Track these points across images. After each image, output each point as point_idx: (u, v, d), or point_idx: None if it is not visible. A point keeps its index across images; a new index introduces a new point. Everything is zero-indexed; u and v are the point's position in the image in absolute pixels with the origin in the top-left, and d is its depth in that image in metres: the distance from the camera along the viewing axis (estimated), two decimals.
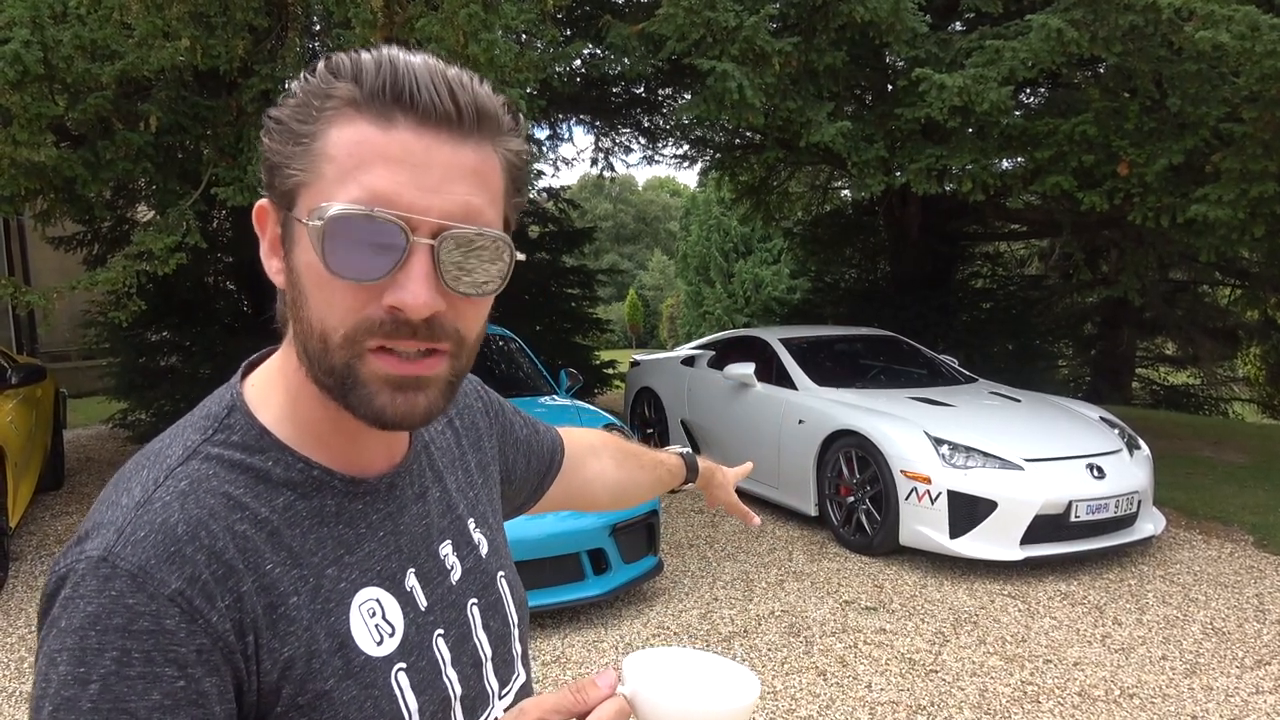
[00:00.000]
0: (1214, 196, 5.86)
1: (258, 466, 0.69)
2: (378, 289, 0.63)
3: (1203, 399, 14.46)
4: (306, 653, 0.66)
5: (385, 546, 0.74)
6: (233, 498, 0.67)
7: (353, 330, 0.64)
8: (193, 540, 0.63)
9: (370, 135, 0.63)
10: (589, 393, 10.55)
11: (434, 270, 0.63)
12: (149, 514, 0.63)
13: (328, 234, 0.62)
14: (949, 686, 3.65)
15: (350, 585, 0.70)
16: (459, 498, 0.86)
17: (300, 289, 0.66)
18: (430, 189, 0.63)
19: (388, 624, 0.72)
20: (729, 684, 0.69)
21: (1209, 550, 5.44)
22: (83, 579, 0.60)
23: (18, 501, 5.08)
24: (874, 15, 6.17)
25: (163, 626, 0.60)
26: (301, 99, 0.65)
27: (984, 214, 10.50)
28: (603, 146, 12.12)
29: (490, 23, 4.75)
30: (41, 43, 4.55)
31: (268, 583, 0.65)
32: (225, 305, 8.81)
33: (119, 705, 0.58)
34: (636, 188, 48.36)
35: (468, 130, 0.65)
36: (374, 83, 0.63)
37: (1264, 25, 5.06)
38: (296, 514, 0.69)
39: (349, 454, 0.73)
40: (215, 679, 0.61)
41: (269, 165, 0.67)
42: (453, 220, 0.63)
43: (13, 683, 3.68)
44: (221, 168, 5.52)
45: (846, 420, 5.44)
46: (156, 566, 0.61)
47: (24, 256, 11.85)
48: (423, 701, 0.72)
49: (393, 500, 0.76)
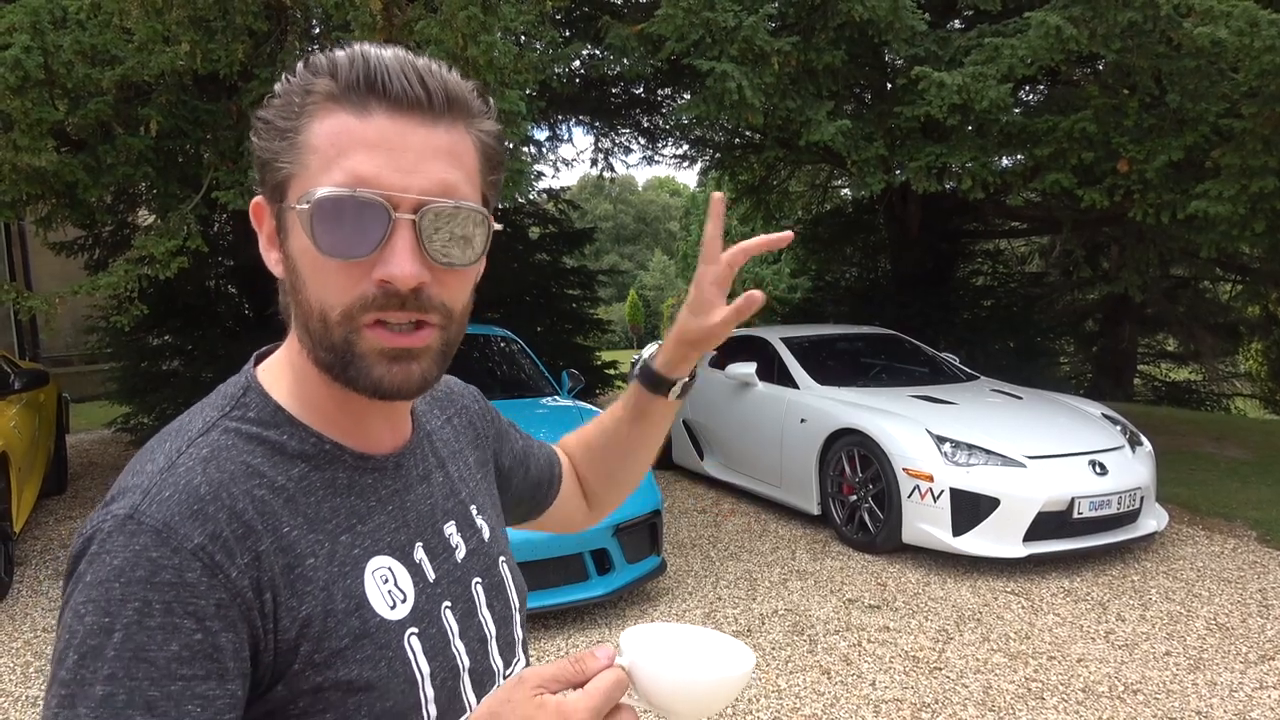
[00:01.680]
0: (1214, 192, 5.85)
1: (273, 439, 0.73)
2: (367, 265, 0.67)
3: (1204, 395, 14.46)
4: (323, 611, 0.69)
5: (394, 520, 0.77)
6: (251, 466, 0.70)
7: (349, 306, 0.68)
8: (215, 499, 0.66)
9: (349, 124, 0.67)
10: (591, 393, 10.55)
11: (417, 243, 0.67)
12: (173, 476, 0.67)
13: (315, 216, 0.66)
14: (953, 684, 3.65)
15: (364, 552, 0.73)
16: (461, 484, 0.89)
17: (298, 274, 0.70)
18: (407, 169, 0.67)
19: (400, 590, 0.74)
20: (724, 656, 0.70)
21: (1212, 546, 5.44)
22: (110, 536, 0.64)
23: (22, 506, 5.09)
24: (873, 14, 6.17)
25: (184, 579, 0.62)
26: (284, 98, 0.69)
27: (984, 212, 10.50)
28: (602, 147, 12.13)
29: (489, 24, 4.75)
30: (42, 48, 4.56)
31: (285, 544, 0.69)
32: (227, 309, 8.81)
33: (139, 654, 0.61)
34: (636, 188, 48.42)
35: (439, 113, 0.69)
36: (349, 75, 0.67)
37: (1263, 21, 5.06)
38: (311, 484, 0.73)
39: (356, 432, 0.77)
40: (231, 635, 0.64)
41: (260, 163, 0.71)
42: (431, 196, 0.68)
43: (19, 687, 3.68)
44: (222, 171, 5.53)
45: (849, 419, 5.44)
46: (180, 523, 0.64)
47: (25, 262, 11.86)
48: (434, 667, 0.75)
49: (399, 478, 0.80)
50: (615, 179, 13.47)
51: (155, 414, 8.08)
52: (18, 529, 5.03)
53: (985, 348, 10.46)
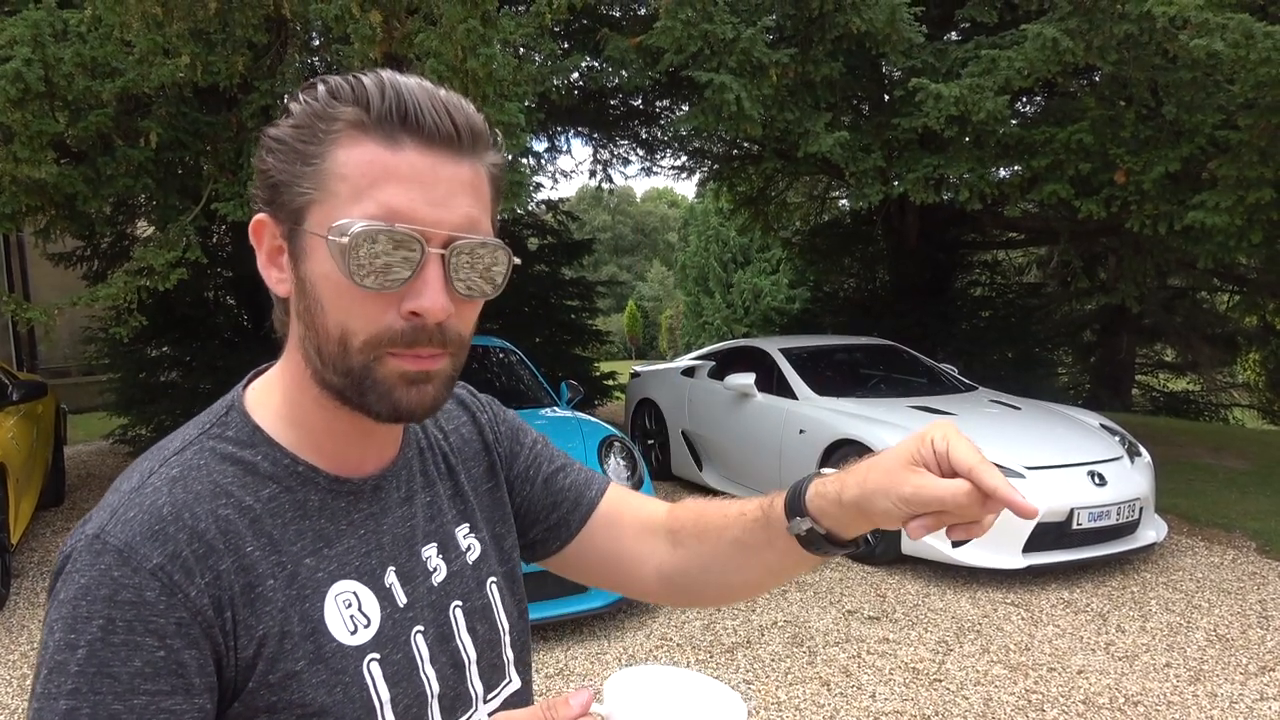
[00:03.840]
0: (1211, 203, 5.87)
1: (247, 459, 0.73)
2: (396, 296, 0.68)
3: (1203, 405, 14.46)
4: (279, 632, 0.69)
5: (365, 543, 0.77)
6: (220, 485, 0.71)
7: (374, 336, 0.69)
8: (176, 520, 0.67)
9: (380, 155, 0.67)
10: (589, 404, 10.54)
11: (445, 277, 0.69)
12: (140, 497, 0.68)
13: (352, 248, 0.66)
14: (953, 696, 3.63)
15: (327, 576, 0.73)
16: (449, 504, 0.87)
17: (315, 298, 0.70)
18: (438, 203, 0.68)
19: (363, 615, 0.74)
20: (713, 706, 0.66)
21: (1211, 557, 5.43)
22: (80, 555, 0.66)
23: (19, 518, 5.07)
24: (870, 26, 6.20)
25: (144, 598, 0.64)
26: (303, 120, 0.69)
27: (982, 222, 10.52)
28: (601, 158, 12.15)
29: (489, 37, 4.77)
30: (43, 61, 4.58)
31: (247, 564, 0.69)
32: (225, 320, 8.80)
33: (103, 670, 0.62)
34: (635, 199, 48.48)
35: (465, 149, 0.70)
36: (380, 107, 0.67)
37: (1258, 33, 5.08)
38: (280, 505, 0.73)
39: (338, 454, 0.77)
40: (194, 652, 0.65)
41: (271, 183, 0.71)
42: (459, 231, 0.69)
43: (15, 700, 3.67)
44: (222, 183, 5.54)
45: (847, 429, 5.44)
46: (141, 543, 0.65)
47: (24, 273, 11.87)
48: (395, 693, 0.74)
49: (377, 501, 0.79)
50: (614, 190, 13.52)
51: (153, 425, 8.06)
52: (15, 541, 5.02)
53: (983, 358, 10.48)
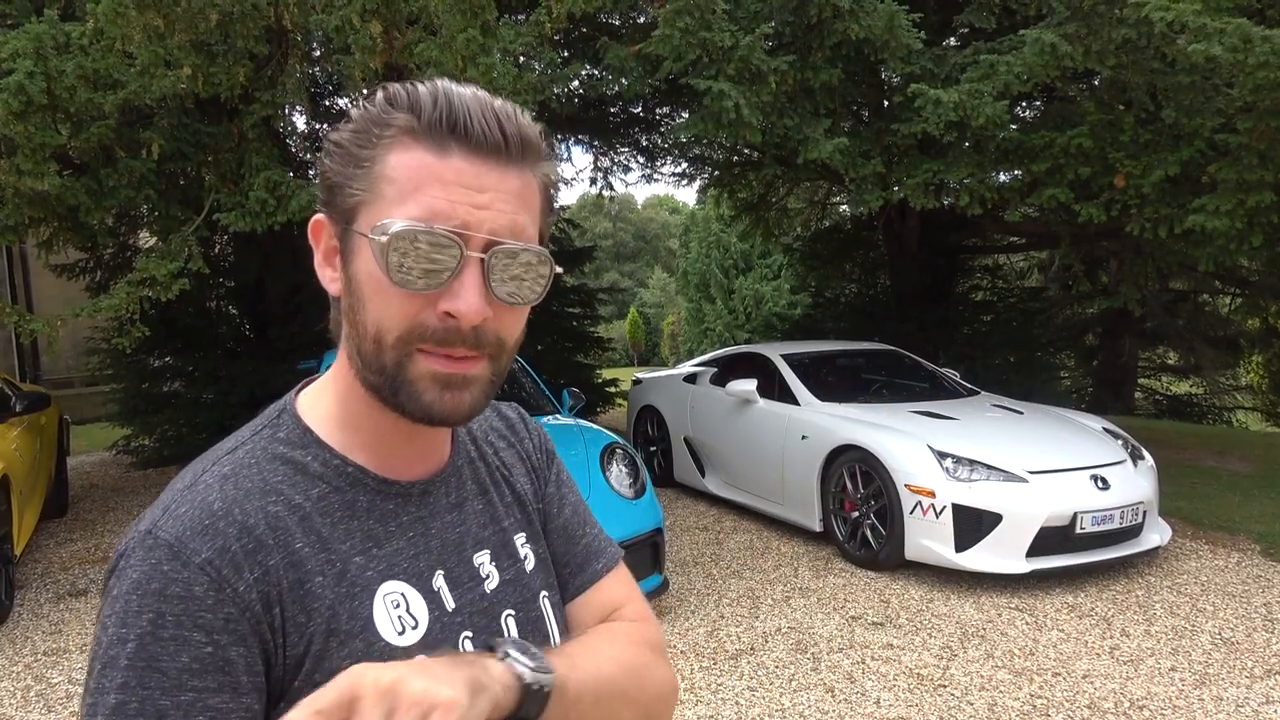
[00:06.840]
0: (1211, 207, 5.87)
1: (297, 460, 0.75)
2: (433, 296, 0.70)
3: (1206, 408, 14.45)
4: (327, 629, 0.70)
5: (414, 546, 0.78)
6: (270, 483, 0.73)
7: (406, 333, 0.70)
8: (226, 516, 0.69)
9: (427, 161, 0.70)
10: (591, 411, 10.55)
11: (484, 281, 0.70)
12: (192, 494, 0.70)
13: (391, 247, 0.68)
14: (958, 701, 3.63)
15: (376, 575, 0.74)
16: (505, 512, 0.88)
17: (359, 296, 0.72)
18: (481, 208, 0.70)
19: (411, 617, 0.75)
20: None
21: (1216, 560, 5.42)
22: (133, 551, 0.68)
23: (23, 529, 5.07)
24: (869, 32, 6.22)
25: (192, 593, 0.65)
26: (360, 125, 0.72)
27: (983, 227, 10.53)
28: (601, 166, 12.18)
29: (489, 46, 4.79)
30: (45, 73, 4.59)
31: (296, 560, 0.70)
32: (227, 330, 8.81)
33: (152, 664, 0.63)
34: (635, 206, 48.51)
35: (514, 158, 0.72)
36: (431, 114, 0.70)
37: (1256, 38, 5.09)
38: (329, 505, 0.74)
39: (387, 457, 0.79)
40: (242, 649, 0.66)
41: (329, 185, 0.73)
42: (500, 236, 0.70)
43: (19, 711, 3.66)
44: (223, 193, 5.56)
45: (850, 435, 5.44)
46: (191, 538, 0.67)
47: (27, 284, 11.90)
48: None
49: (425, 505, 0.80)
50: (614, 197, 13.51)
51: (156, 435, 8.07)
52: (18, 552, 5.02)
53: (985, 363, 10.47)
